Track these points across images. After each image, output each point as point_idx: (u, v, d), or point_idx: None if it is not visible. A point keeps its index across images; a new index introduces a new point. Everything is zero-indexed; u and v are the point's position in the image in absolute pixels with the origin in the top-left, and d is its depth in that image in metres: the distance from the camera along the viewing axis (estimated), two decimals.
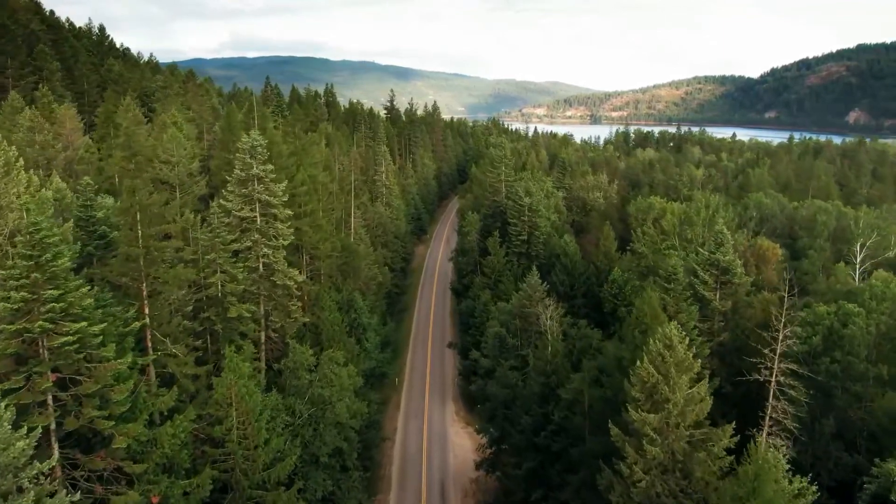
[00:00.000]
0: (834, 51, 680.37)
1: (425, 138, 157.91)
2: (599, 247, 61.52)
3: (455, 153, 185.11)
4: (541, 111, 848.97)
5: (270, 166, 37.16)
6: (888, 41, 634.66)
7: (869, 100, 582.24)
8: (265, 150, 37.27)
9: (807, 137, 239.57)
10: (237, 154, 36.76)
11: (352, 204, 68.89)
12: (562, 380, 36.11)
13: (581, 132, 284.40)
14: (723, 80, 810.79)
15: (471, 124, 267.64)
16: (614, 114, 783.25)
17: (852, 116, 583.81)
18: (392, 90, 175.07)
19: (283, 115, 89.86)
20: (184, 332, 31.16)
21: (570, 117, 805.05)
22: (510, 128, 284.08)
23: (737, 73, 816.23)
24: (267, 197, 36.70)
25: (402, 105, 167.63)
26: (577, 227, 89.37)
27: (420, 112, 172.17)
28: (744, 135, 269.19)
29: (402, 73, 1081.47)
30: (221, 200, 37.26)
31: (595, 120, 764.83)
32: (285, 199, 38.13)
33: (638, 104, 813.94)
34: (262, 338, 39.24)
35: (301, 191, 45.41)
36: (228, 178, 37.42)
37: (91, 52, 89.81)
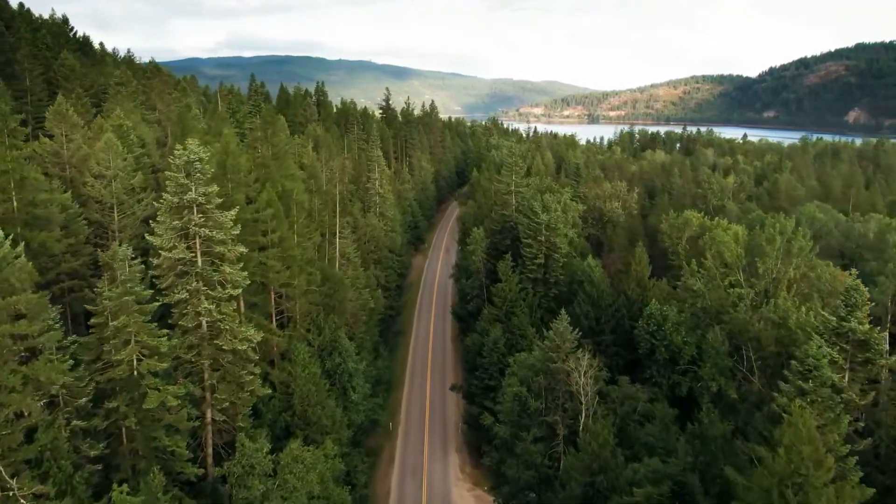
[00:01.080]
0: (833, 50, 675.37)
1: (423, 139, 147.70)
2: (632, 273, 51.73)
3: (454, 154, 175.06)
4: (538, 111, 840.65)
5: (214, 188, 26.92)
6: (887, 40, 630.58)
7: (868, 99, 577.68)
8: (208, 166, 27.09)
9: (817, 138, 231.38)
10: (167, 172, 26.56)
11: (337, 221, 58.60)
12: (613, 483, 26.18)
13: (580, 132, 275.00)
14: (721, 79, 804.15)
15: (469, 124, 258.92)
16: (612, 113, 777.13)
17: (851, 116, 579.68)
18: (388, 89, 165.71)
19: (261, 115, 79.53)
20: (76, 435, 21.17)
21: (567, 117, 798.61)
22: (509, 127, 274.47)
23: (735, 73, 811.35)
24: (208, 231, 26.51)
25: (398, 104, 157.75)
26: (594, 240, 79.56)
27: (417, 112, 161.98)
28: (745, 135, 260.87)
29: (399, 73, 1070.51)
30: (147, 235, 27.10)
31: (593, 119, 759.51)
32: (236, 231, 27.92)
33: (636, 104, 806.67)
34: (208, 417, 29.16)
35: (266, 214, 35.32)
36: (157, 203, 27.24)
37: (46, 45, 78.95)
